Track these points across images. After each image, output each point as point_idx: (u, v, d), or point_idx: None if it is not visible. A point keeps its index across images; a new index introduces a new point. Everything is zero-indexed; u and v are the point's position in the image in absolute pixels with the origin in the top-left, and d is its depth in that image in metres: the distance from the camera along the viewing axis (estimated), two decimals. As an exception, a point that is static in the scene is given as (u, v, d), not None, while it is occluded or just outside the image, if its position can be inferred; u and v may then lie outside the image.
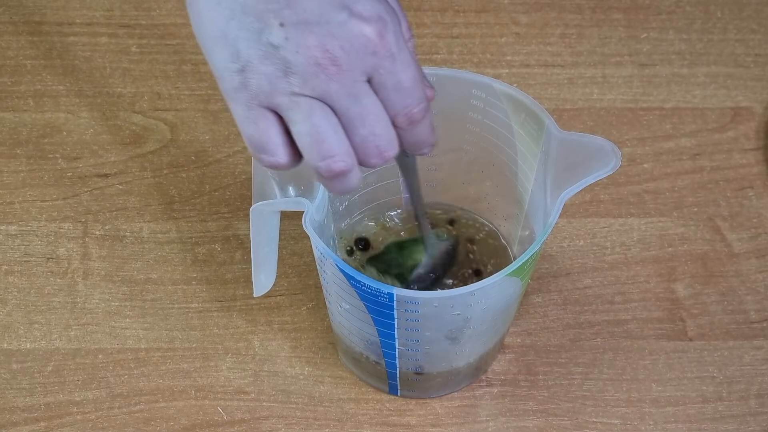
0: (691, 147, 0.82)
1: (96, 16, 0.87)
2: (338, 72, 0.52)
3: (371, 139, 0.54)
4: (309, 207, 0.61)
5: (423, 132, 0.57)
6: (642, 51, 0.86)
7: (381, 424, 0.70)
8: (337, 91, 0.53)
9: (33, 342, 0.73)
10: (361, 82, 0.53)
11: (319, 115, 0.53)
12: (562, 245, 0.77)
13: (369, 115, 0.54)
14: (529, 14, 0.88)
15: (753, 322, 0.74)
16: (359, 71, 0.53)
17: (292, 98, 0.53)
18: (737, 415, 0.71)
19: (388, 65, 0.53)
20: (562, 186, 0.61)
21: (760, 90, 0.85)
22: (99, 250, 0.76)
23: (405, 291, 0.59)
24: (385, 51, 0.53)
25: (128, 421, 0.70)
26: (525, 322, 0.74)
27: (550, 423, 0.70)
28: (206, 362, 0.72)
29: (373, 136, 0.54)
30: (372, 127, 0.54)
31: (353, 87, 0.53)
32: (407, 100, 0.55)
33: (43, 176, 0.79)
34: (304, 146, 0.54)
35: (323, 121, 0.53)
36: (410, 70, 0.54)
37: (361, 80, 0.53)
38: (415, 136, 0.57)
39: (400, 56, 0.53)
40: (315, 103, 0.53)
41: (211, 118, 0.82)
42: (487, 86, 0.66)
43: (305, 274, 0.76)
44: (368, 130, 0.54)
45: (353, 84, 0.53)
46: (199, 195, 0.79)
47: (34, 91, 0.83)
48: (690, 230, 0.78)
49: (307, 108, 0.53)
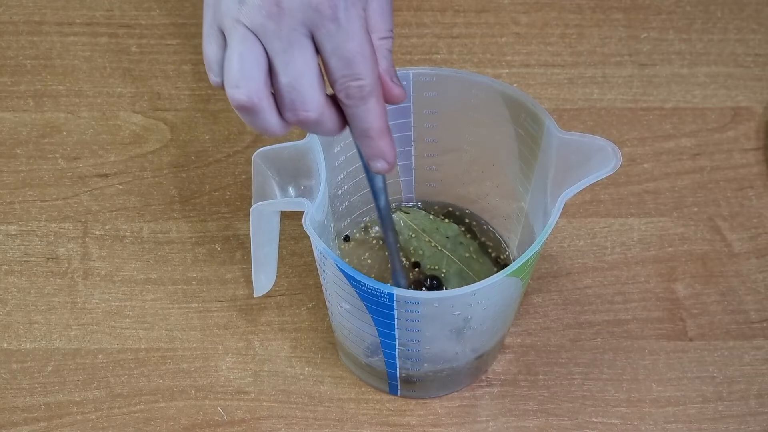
0: (691, 147, 0.82)
1: (96, 16, 0.87)
2: (278, 13, 0.54)
3: (289, 90, 0.56)
4: (309, 207, 0.61)
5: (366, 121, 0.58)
6: (642, 51, 0.86)
7: (381, 424, 0.70)
8: (273, 32, 0.55)
9: (33, 342, 0.73)
10: (299, 33, 0.55)
11: (247, 45, 0.55)
12: (562, 245, 0.77)
13: (295, 67, 0.55)
14: (529, 14, 0.88)
15: (753, 322, 0.74)
16: (299, 21, 0.54)
17: (234, 24, 0.55)
18: (737, 415, 0.71)
19: (331, 27, 0.55)
20: (563, 186, 0.61)
21: (760, 90, 0.85)
22: (99, 250, 0.76)
23: (405, 291, 0.59)
24: (330, 12, 0.54)
25: (128, 421, 0.70)
26: (525, 322, 0.74)
27: (550, 423, 0.70)
28: (206, 362, 0.72)
29: (291, 89, 0.56)
30: (293, 79, 0.55)
31: (289, 34, 0.55)
32: (345, 71, 0.56)
33: (43, 176, 0.79)
34: (225, 66, 0.56)
35: (247, 53, 0.55)
36: (354, 42, 0.55)
37: (300, 31, 0.55)
38: (357, 120, 0.58)
39: (346, 25, 0.55)
40: (249, 35, 0.55)
41: (211, 118, 0.82)
42: (487, 86, 0.66)
43: (305, 274, 0.76)
44: (288, 81, 0.56)
45: (290, 31, 0.54)
46: (199, 195, 0.79)
47: (34, 91, 0.83)
48: (690, 230, 0.78)
49: (241, 36, 0.55)
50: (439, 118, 0.69)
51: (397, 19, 0.87)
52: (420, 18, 0.88)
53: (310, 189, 0.63)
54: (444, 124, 0.69)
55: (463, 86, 0.66)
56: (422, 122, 0.69)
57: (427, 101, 0.67)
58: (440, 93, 0.67)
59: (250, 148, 0.81)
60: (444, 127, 0.69)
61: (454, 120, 0.68)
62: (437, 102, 0.68)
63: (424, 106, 0.68)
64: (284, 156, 0.63)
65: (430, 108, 0.68)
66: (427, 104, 0.68)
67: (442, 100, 0.67)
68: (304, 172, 0.63)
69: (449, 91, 0.67)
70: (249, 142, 0.81)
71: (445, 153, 0.71)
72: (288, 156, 0.63)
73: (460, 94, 0.67)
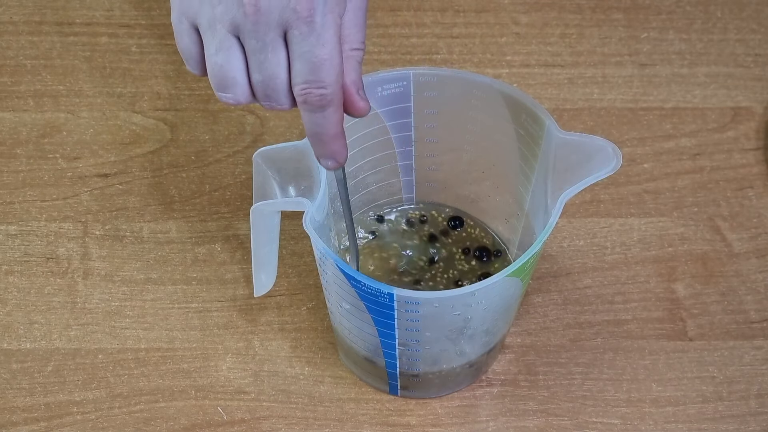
0: (691, 147, 0.82)
1: (96, 16, 0.87)
2: (255, 12, 0.55)
3: (263, 87, 0.57)
4: (309, 207, 0.61)
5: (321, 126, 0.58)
6: (642, 51, 0.86)
7: (381, 424, 0.70)
8: (249, 31, 0.55)
9: (33, 342, 0.73)
10: (275, 33, 0.55)
11: (230, 51, 0.56)
12: (562, 245, 0.77)
13: (268, 66, 0.56)
14: (529, 14, 0.88)
15: (753, 322, 0.74)
16: (275, 22, 0.55)
17: (211, 23, 0.56)
18: (737, 415, 0.71)
19: (304, 29, 0.55)
20: (563, 186, 0.61)
21: (760, 90, 0.85)
22: (99, 250, 0.76)
23: (405, 291, 0.59)
24: (307, 14, 0.55)
25: (128, 421, 0.70)
26: (525, 322, 0.74)
27: (550, 423, 0.70)
28: (206, 362, 0.72)
29: (266, 86, 0.57)
30: (267, 78, 0.57)
31: (264, 34, 0.55)
32: (309, 76, 0.56)
33: (43, 176, 0.79)
34: (209, 72, 0.57)
35: (231, 59, 0.56)
36: (325, 49, 0.56)
37: (275, 32, 0.55)
38: (312, 123, 0.58)
39: (320, 30, 0.55)
40: (228, 37, 0.56)
41: (211, 118, 0.82)
42: (487, 86, 0.66)
43: (305, 274, 0.76)
44: (262, 79, 0.57)
45: (266, 31, 0.55)
46: (199, 195, 0.79)
47: (34, 91, 0.83)
48: (690, 230, 0.78)
49: (220, 39, 0.56)
50: (440, 118, 0.69)
51: (397, 19, 0.87)
52: (420, 18, 0.88)
53: (311, 189, 0.63)
54: (444, 124, 0.69)
55: (463, 86, 0.66)
56: (423, 122, 0.69)
57: (428, 101, 0.67)
58: (440, 93, 0.67)
59: (250, 148, 0.81)
60: (444, 128, 0.69)
61: (455, 120, 0.68)
62: (438, 102, 0.68)
63: (425, 106, 0.68)
64: (284, 156, 0.63)
65: (431, 108, 0.68)
66: (428, 104, 0.68)
67: (442, 100, 0.67)
68: (305, 172, 0.63)
69: (450, 91, 0.67)
70: (249, 142, 0.81)
71: (445, 153, 0.71)
72: (288, 156, 0.63)
73: (460, 95, 0.67)
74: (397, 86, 0.67)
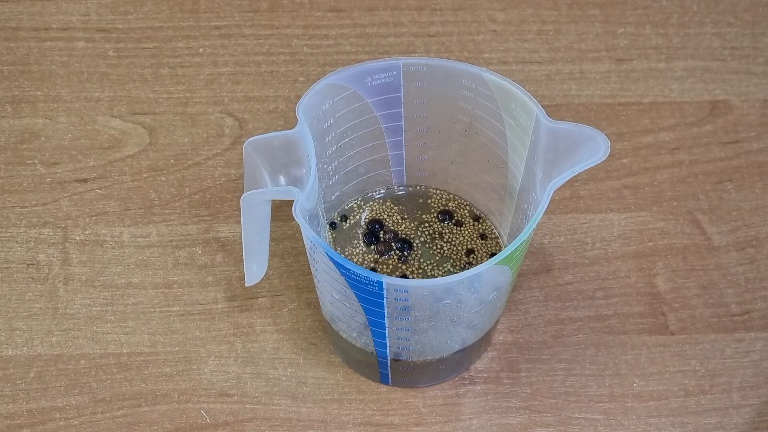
0: (669, 141, 0.82)
1: (72, 20, 0.87)
2: None
3: None
4: (299, 196, 0.61)
5: None
6: (619, 46, 0.87)
7: (364, 423, 0.70)
8: None
9: (14, 348, 0.73)
10: None
11: None
12: (543, 242, 0.77)
13: None
14: (505, 11, 0.88)
15: (734, 315, 0.74)
16: None
17: None
18: (720, 408, 0.71)
19: None
20: (552, 175, 0.61)
21: (737, 83, 0.85)
22: (79, 255, 0.76)
23: (394, 279, 0.59)
24: None
25: (111, 426, 0.70)
26: (507, 320, 0.74)
27: (533, 420, 0.70)
28: (189, 365, 0.72)
29: None
30: None
31: None
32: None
33: (21, 182, 0.79)
34: None
35: None
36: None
37: None
38: None
39: None
40: None
41: (189, 121, 0.82)
42: (477, 76, 0.66)
43: (286, 276, 0.75)
44: None
45: None
46: (179, 198, 0.79)
47: (11, 97, 0.83)
48: (670, 224, 0.78)
49: None
50: (430, 108, 0.69)
51: (374, 19, 0.87)
52: (397, 17, 0.88)
53: (301, 178, 0.63)
54: (434, 114, 0.69)
55: (453, 76, 0.66)
56: (413, 112, 0.69)
57: (418, 91, 0.67)
58: (430, 83, 0.67)
59: (229, 151, 0.81)
60: (434, 117, 0.69)
61: (445, 110, 0.68)
62: (427, 92, 0.68)
63: (415, 96, 0.68)
64: (275, 145, 0.63)
65: (421, 98, 0.68)
66: (418, 94, 0.68)
67: (432, 89, 0.67)
68: (295, 162, 0.63)
69: (439, 80, 0.67)
70: (228, 144, 0.81)
71: (435, 143, 0.71)
72: (279, 145, 0.63)
73: (450, 84, 0.67)
74: (386, 76, 0.67)
